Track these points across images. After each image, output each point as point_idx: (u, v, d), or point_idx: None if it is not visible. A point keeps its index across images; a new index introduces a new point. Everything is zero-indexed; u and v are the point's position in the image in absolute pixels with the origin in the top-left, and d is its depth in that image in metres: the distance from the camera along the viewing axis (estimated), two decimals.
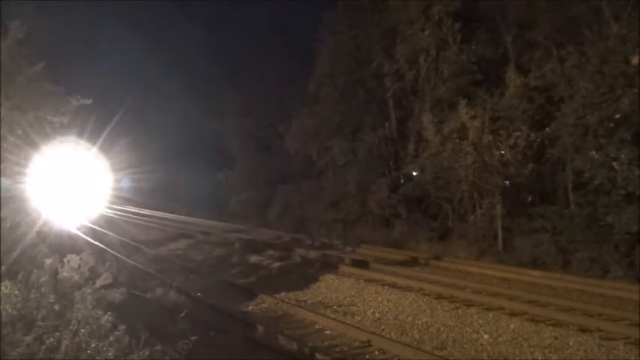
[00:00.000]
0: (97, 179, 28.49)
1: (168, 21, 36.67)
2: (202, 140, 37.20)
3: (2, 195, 6.87)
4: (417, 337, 9.37)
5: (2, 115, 7.16)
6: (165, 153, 33.41)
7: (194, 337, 7.46)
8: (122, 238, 21.49)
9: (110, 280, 6.37)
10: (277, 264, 16.24)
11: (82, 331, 5.32)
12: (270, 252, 18.15)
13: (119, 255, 16.88)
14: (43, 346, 5.02)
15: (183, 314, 9.68)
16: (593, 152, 15.46)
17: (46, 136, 7.74)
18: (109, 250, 17.64)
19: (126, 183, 31.39)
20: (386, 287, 12.42)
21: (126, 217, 30.68)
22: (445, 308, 10.58)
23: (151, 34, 34.29)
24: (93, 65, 31.12)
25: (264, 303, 11.59)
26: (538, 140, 17.58)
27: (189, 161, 34.44)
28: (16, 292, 5.44)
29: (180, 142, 35.56)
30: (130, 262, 16.16)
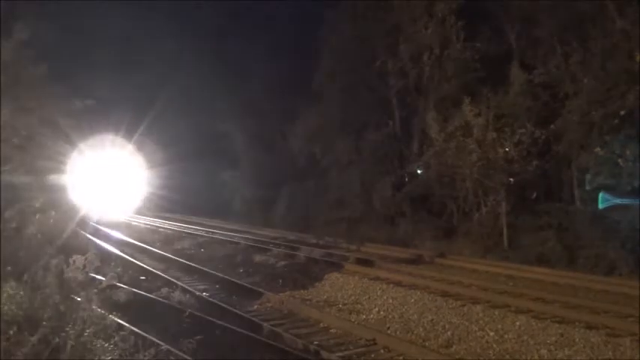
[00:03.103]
0: (113, 180, 28.91)
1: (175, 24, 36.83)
2: (210, 140, 37.27)
3: (5, 196, 6.90)
4: (423, 335, 9.34)
5: (7, 118, 7.19)
6: (175, 154, 33.60)
7: (199, 337, 7.49)
8: (127, 239, 21.60)
9: (115, 281, 6.39)
10: (282, 263, 16.25)
11: (88, 331, 5.34)
12: (275, 251, 18.15)
13: (124, 255, 17.00)
14: (49, 347, 5.04)
15: (187, 313, 9.76)
16: (598, 149, 15.42)
17: (50, 137, 7.77)
18: (114, 249, 17.77)
19: (142, 184, 32.08)
20: (391, 285, 12.40)
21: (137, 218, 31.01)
22: (451, 306, 10.55)
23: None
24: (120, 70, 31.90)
25: (269, 302, 11.58)
26: (543, 137, 17.54)
27: (197, 161, 34.50)
28: (22, 292, 5.46)
29: (190, 143, 35.64)
30: (135, 261, 16.23)
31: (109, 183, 31.62)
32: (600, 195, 16.61)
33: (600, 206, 16.59)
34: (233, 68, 35.29)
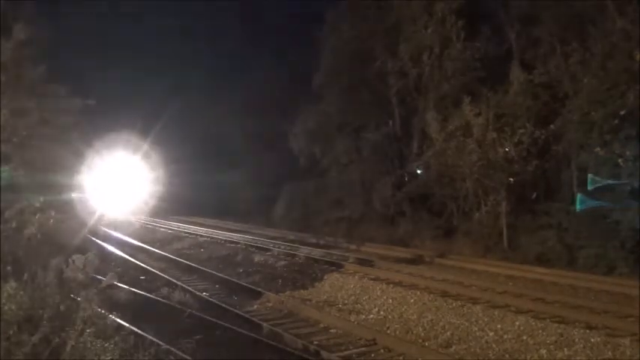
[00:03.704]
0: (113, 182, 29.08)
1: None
2: (213, 140, 37.27)
3: (5, 196, 6.90)
4: (423, 335, 9.35)
5: (6, 118, 7.19)
6: (181, 156, 33.69)
7: (198, 336, 7.50)
8: (127, 239, 21.61)
9: (115, 280, 6.39)
10: (282, 263, 16.25)
11: (88, 331, 5.33)
12: (275, 251, 18.16)
13: (123, 254, 17.03)
14: (49, 346, 5.04)
15: (187, 313, 9.77)
16: (598, 148, 15.41)
17: (50, 137, 7.78)
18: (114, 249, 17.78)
19: (152, 185, 32.25)
20: (391, 285, 12.41)
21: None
22: (450, 306, 10.56)
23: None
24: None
25: (269, 302, 11.58)
26: (542, 137, 17.54)
27: (199, 162, 34.46)
28: (22, 292, 5.46)
29: (195, 144, 35.61)
30: (136, 261, 16.24)
31: (119, 185, 31.63)
32: (578, 196, 16.92)
33: (578, 208, 16.93)
34: (234, 69, 35.40)
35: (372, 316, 10.71)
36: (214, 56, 35.66)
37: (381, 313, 10.80)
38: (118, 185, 31.79)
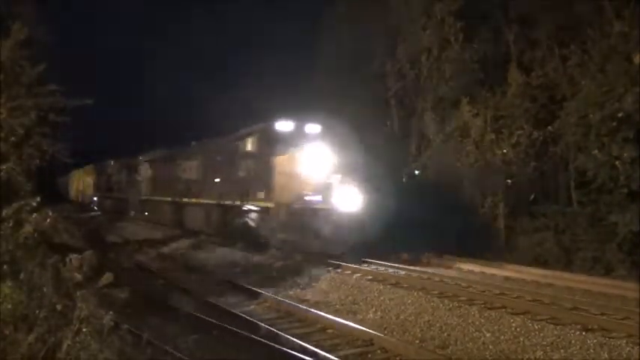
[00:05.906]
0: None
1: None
2: None
3: (2, 195, 6.90)
4: (419, 335, 9.34)
5: (4, 117, 7.19)
6: None
7: (194, 336, 7.48)
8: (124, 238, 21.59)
9: (111, 280, 6.40)
10: (279, 263, 16.20)
11: (84, 330, 5.32)
12: (273, 251, 18.09)
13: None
14: (45, 346, 5.03)
15: (184, 312, 9.75)
16: (596, 151, 15.45)
17: (47, 136, 7.78)
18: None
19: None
20: (388, 286, 12.40)
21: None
22: (447, 307, 10.55)
23: None
24: None
25: (266, 302, 11.57)
26: (540, 139, 17.58)
27: None
28: (18, 291, 5.45)
29: None
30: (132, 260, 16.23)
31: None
32: None
33: None
34: (233, 68, 35.39)
35: (369, 316, 10.70)
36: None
37: (378, 313, 10.80)
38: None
